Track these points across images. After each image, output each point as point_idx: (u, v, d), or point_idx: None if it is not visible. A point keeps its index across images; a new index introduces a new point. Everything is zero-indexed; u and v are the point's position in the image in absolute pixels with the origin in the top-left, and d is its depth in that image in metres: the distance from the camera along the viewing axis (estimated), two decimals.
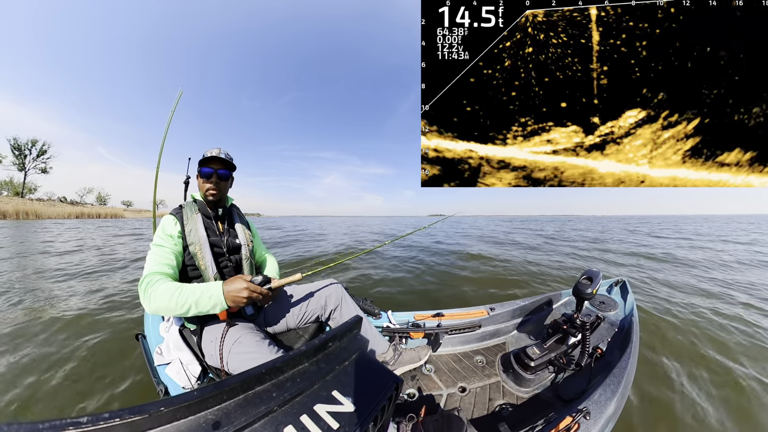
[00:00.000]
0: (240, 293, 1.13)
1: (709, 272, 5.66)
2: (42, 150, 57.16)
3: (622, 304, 2.16)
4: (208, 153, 1.45)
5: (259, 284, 1.20)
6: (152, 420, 0.49)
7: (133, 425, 0.48)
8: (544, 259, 7.08)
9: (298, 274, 1.35)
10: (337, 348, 0.79)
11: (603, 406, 1.17)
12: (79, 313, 3.25)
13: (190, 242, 1.34)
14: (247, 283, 1.15)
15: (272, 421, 0.56)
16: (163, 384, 1.35)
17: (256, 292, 1.16)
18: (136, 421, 0.48)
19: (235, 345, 1.19)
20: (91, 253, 7.61)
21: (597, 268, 1.72)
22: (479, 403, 1.57)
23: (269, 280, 1.26)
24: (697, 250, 8.90)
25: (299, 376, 0.67)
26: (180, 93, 2.04)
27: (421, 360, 1.77)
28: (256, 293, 1.16)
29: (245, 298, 1.14)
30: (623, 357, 1.45)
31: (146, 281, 1.14)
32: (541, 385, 1.65)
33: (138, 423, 0.48)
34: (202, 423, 0.53)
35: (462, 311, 2.16)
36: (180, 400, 0.52)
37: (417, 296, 4.30)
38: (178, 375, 1.33)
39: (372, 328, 1.70)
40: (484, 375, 1.78)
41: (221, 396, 0.56)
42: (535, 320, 2.23)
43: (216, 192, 1.45)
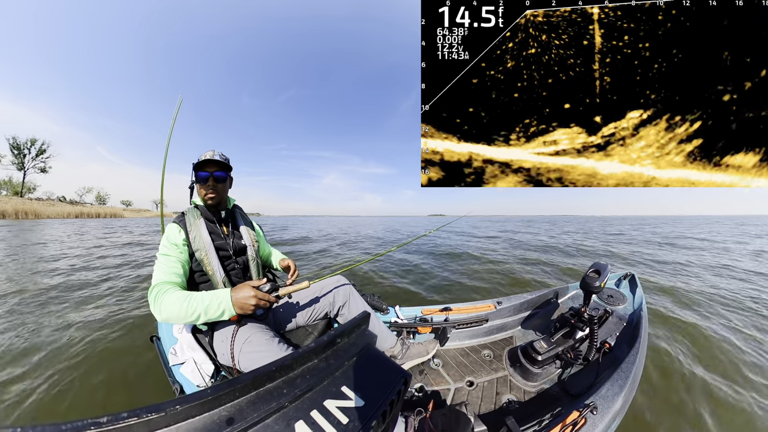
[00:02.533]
0: (248, 301, 1.14)
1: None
2: (41, 149, 57.49)
3: (631, 298, 2.14)
4: (202, 156, 1.42)
5: (267, 291, 1.22)
6: (168, 418, 0.51)
7: (150, 423, 0.50)
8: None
9: (305, 282, 1.35)
10: (346, 344, 0.80)
11: (610, 402, 1.17)
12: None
13: (195, 249, 1.34)
14: (255, 291, 1.16)
15: (283, 417, 0.58)
16: (178, 383, 1.38)
17: (263, 300, 1.17)
18: (153, 419, 0.50)
19: (245, 344, 1.21)
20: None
21: (605, 261, 1.71)
22: (486, 397, 1.58)
23: (277, 288, 1.27)
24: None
25: (309, 372, 0.68)
26: (180, 100, 2.03)
27: (429, 354, 1.78)
28: (263, 301, 1.17)
29: (253, 306, 1.15)
30: (631, 352, 1.44)
31: (155, 291, 1.16)
32: (549, 379, 1.65)
33: (155, 421, 0.50)
34: (216, 420, 0.54)
35: (469, 305, 2.17)
36: (194, 398, 0.54)
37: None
38: (192, 374, 1.36)
39: (380, 324, 1.71)
40: (492, 369, 1.78)
41: (234, 393, 0.58)
42: (542, 314, 2.23)
43: (215, 195, 1.43)
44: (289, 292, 1.30)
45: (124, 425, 0.48)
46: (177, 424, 0.52)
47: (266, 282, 1.26)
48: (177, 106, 2.03)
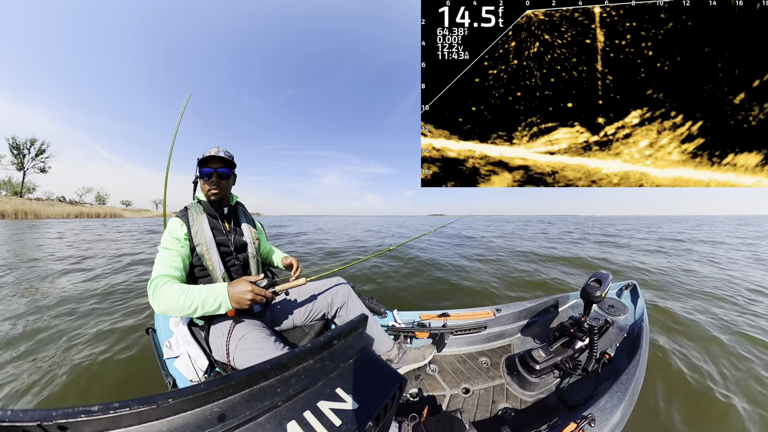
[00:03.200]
0: (244, 295, 1.14)
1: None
2: (41, 149, 57.38)
3: (632, 309, 2.12)
4: (207, 153, 1.44)
5: (264, 287, 1.22)
6: (160, 411, 0.51)
7: (141, 415, 0.49)
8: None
9: (302, 279, 1.36)
10: (342, 346, 0.79)
11: (609, 414, 1.15)
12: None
13: (197, 243, 1.36)
14: (252, 285, 1.17)
15: (276, 416, 0.57)
16: (172, 376, 1.38)
17: (260, 295, 1.17)
18: (144, 411, 0.49)
19: (241, 341, 1.21)
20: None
21: (606, 270, 1.69)
22: (482, 405, 1.56)
23: (275, 284, 1.27)
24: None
25: (304, 372, 0.68)
26: (188, 96, 2.04)
27: (426, 359, 1.77)
28: (260, 296, 1.17)
29: (249, 300, 1.15)
30: (632, 363, 1.42)
31: (154, 283, 1.17)
32: (546, 389, 1.63)
33: (146, 413, 0.49)
34: (208, 415, 0.54)
35: (468, 312, 2.15)
36: (187, 393, 0.53)
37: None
38: (186, 368, 1.36)
39: (377, 327, 1.70)
40: (488, 377, 1.77)
41: (227, 390, 0.57)
42: (541, 322, 2.21)
43: (218, 191, 1.44)
44: (286, 288, 1.30)
45: (115, 415, 0.47)
46: (168, 417, 0.51)
47: (263, 278, 1.26)
48: (185, 102, 2.04)
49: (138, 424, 0.49)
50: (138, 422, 0.49)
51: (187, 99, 2.05)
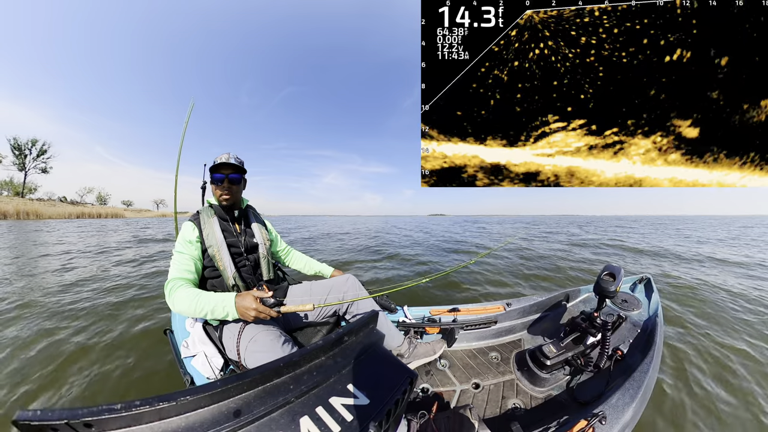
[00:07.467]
0: (248, 311, 1.18)
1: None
2: (42, 150, 57.43)
3: (646, 304, 2.07)
4: (218, 159, 1.47)
5: (270, 305, 1.23)
6: (179, 407, 0.53)
7: (161, 411, 0.51)
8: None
9: (310, 305, 1.33)
10: (354, 342, 0.81)
11: (620, 412, 1.13)
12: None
13: (208, 245, 1.41)
14: (257, 303, 1.19)
15: (289, 412, 0.59)
16: (189, 375, 1.42)
17: (263, 314, 1.19)
18: (164, 407, 0.51)
19: (251, 343, 1.24)
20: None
21: (618, 264, 1.66)
22: (492, 401, 1.56)
23: (281, 303, 1.27)
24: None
25: (316, 369, 0.69)
26: (192, 104, 2.07)
27: (436, 354, 1.77)
28: (263, 315, 1.19)
29: (252, 318, 1.19)
30: (645, 360, 1.39)
31: (170, 285, 1.24)
32: (557, 385, 1.62)
33: (166, 409, 0.52)
34: (224, 411, 0.56)
35: (478, 306, 2.15)
36: (204, 390, 0.56)
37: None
38: (202, 366, 1.40)
39: (388, 323, 1.71)
40: (499, 372, 1.76)
41: (242, 387, 0.59)
42: (552, 317, 2.18)
43: (229, 196, 1.49)
44: (291, 311, 1.28)
45: (137, 412, 0.49)
46: (187, 413, 0.54)
47: (271, 295, 1.27)
48: (189, 110, 2.07)
49: (158, 420, 0.52)
50: (158, 418, 0.52)
51: (191, 107, 2.08)
